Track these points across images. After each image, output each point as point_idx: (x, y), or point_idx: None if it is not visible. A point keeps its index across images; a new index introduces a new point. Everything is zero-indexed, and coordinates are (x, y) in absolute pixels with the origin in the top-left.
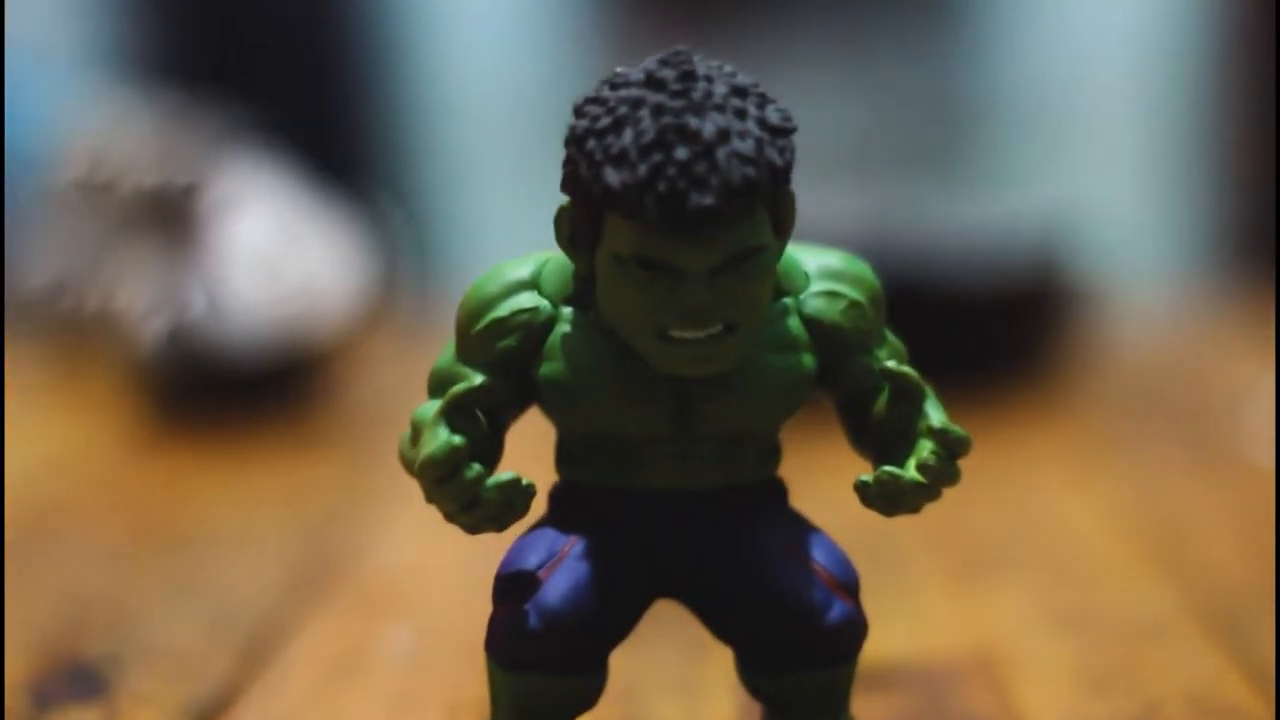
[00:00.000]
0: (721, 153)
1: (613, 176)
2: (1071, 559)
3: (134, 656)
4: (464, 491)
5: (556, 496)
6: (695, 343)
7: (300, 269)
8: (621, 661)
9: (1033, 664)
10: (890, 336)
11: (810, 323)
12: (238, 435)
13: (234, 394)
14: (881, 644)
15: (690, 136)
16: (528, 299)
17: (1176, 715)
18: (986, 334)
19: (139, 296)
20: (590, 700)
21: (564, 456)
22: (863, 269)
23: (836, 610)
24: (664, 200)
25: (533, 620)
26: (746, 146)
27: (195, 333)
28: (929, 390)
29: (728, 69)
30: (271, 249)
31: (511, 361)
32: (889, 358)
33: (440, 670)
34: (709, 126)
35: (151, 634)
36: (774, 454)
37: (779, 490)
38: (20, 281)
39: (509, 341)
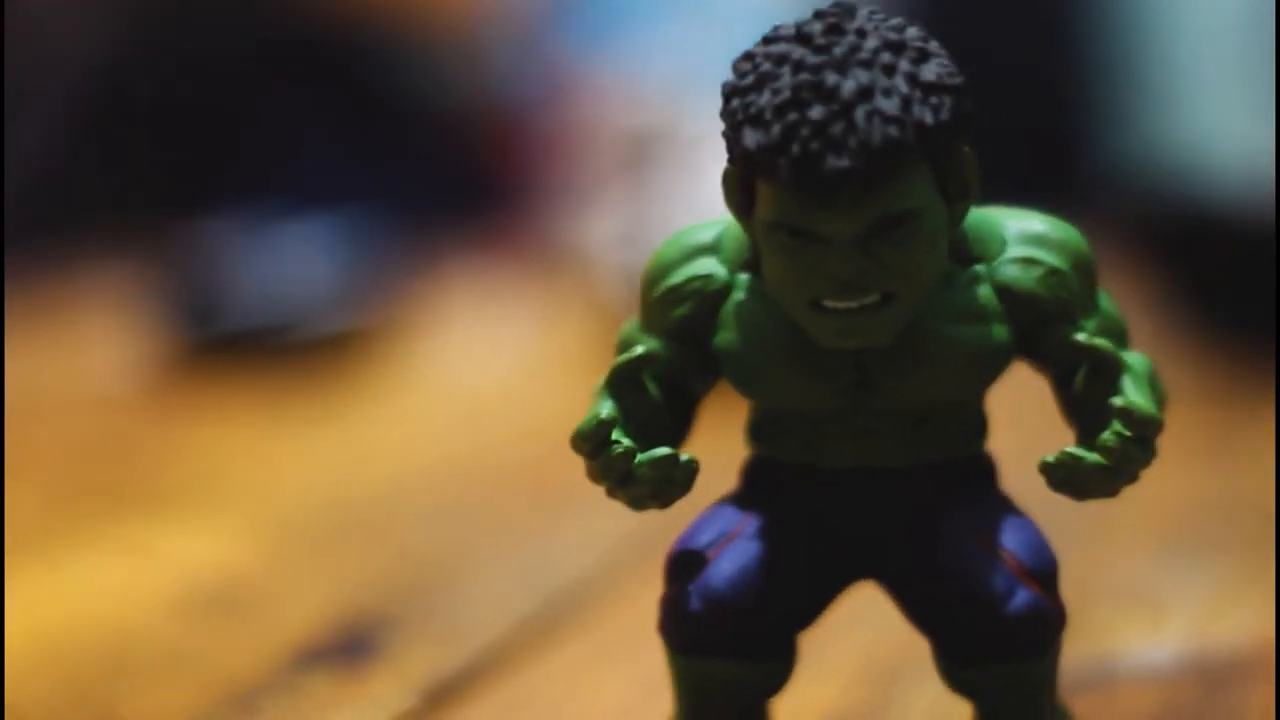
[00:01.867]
0: (861, 111)
1: (749, 138)
2: None
3: (417, 620)
4: (612, 467)
5: (745, 472)
6: (848, 313)
7: None
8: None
9: None
10: (1105, 305)
11: (1003, 291)
12: None
13: None
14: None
15: (827, 94)
16: (704, 265)
17: None
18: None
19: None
20: (769, 687)
21: (752, 430)
22: (1070, 233)
23: (1020, 599)
24: (798, 163)
25: (694, 602)
26: (890, 104)
27: None
28: (1130, 364)
29: (895, 21)
30: None
31: (688, 330)
32: (1099, 330)
33: None
34: (849, 84)
35: (449, 597)
36: (973, 430)
37: (981, 468)
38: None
39: (683, 310)
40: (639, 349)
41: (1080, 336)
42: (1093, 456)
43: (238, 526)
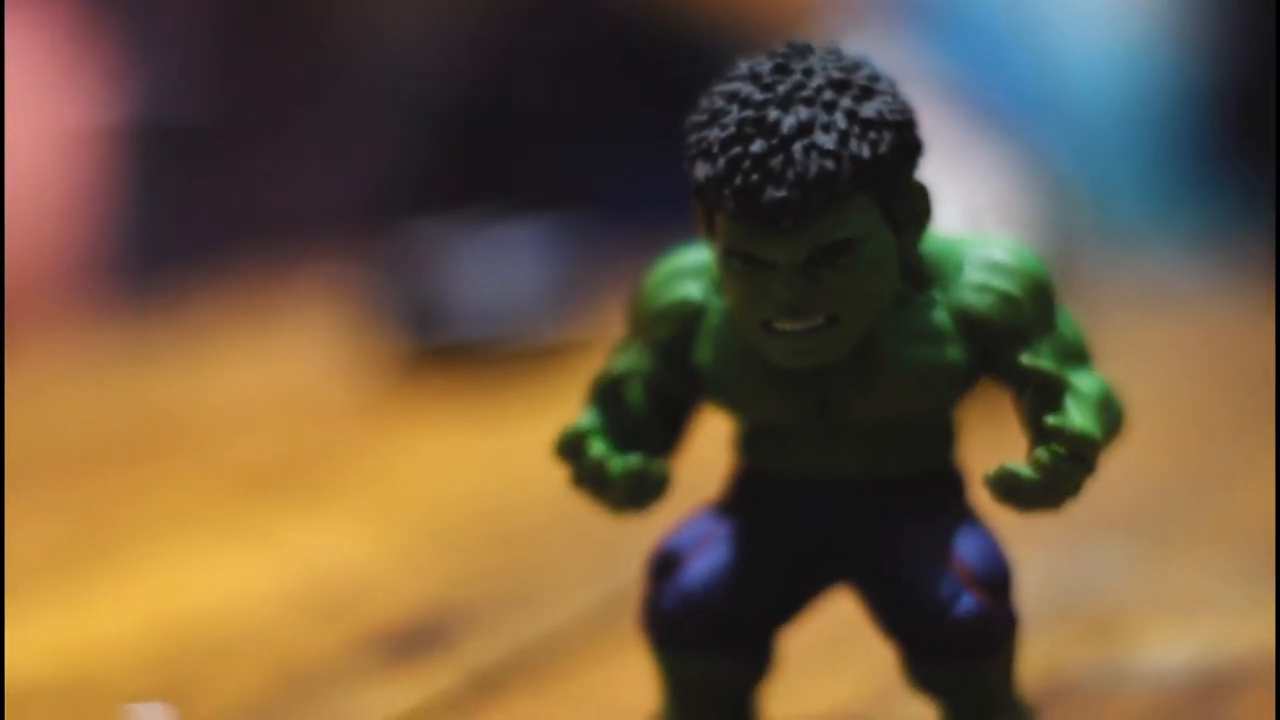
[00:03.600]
0: (798, 146)
1: (700, 170)
2: None
3: (486, 613)
4: (587, 473)
5: (728, 480)
6: (796, 334)
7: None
8: None
9: None
10: (1064, 328)
11: (958, 315)
12: None
13: None
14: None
15: (768, 129)
16: (685, 288)
17: None
18: None
19: None
20: (746, 683)
21: (736, 441)
22: (1027, 260)
23: (964, 605)
24: (740, 194)
25: (669, 600)
26: (828, 139)
27: None
28: (1074, 385)
29: (847, 61)
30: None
31: (672, 349)
32: (1053, 352)
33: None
34: (790, 120)
35: (521, 595)
36: (937, 444)
37: (945, 481)
38: None
39: (666, 330)
40: (615, 368)
41: (1025, 358)
42: (1027, 472)
43: (368, 527)
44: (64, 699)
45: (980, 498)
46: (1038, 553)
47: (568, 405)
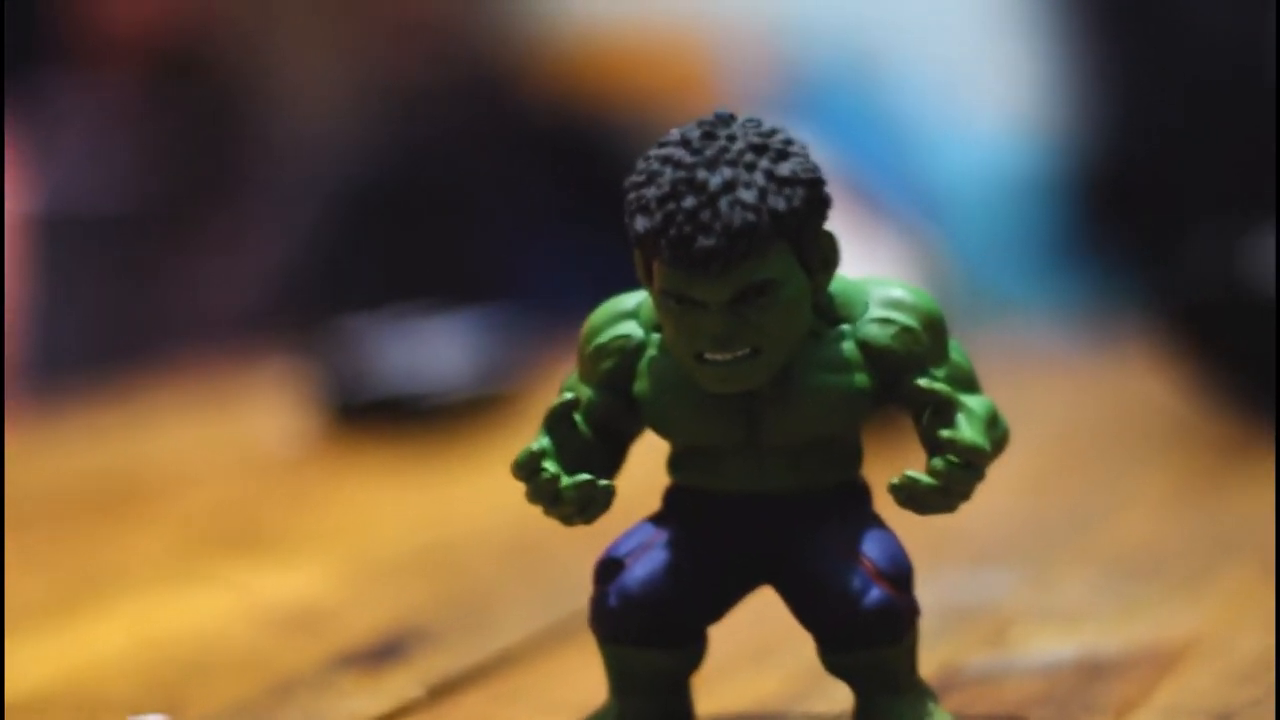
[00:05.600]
0: (724, 201)
1: (640, 223)
2: None
3: (445, 633)
4: (542, 490)
5: (665, 497)
6: (725, 364)
7: None
8: None
9: None
10: (955, 357)
11: (864, 346)
12: None
13: None
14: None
15: (698, 188)
16: (624, 327)
17: None
18: None
19: None
20: (680, 670)
21: (670, 462)
22: (923, 297)
23: (873, 596)
24: (674, 244)
25: (612, 600)
26: (749, 195)
27: None
28: (964, 403)
29: (765, 128)
30: None
31: (614, 381)
32: (947, 377)
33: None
34: (715, 179)
35: (479, 618)
36: (848, 460)
37: (856, 493)
38: None
39: (608, 364)
40: (567, 395)
41: (922, 381)
42: (926, 479)
43: (328, 565)
44: (67, 710)
45: (884, 506)
46: (938, 575)
47: (494, 451)
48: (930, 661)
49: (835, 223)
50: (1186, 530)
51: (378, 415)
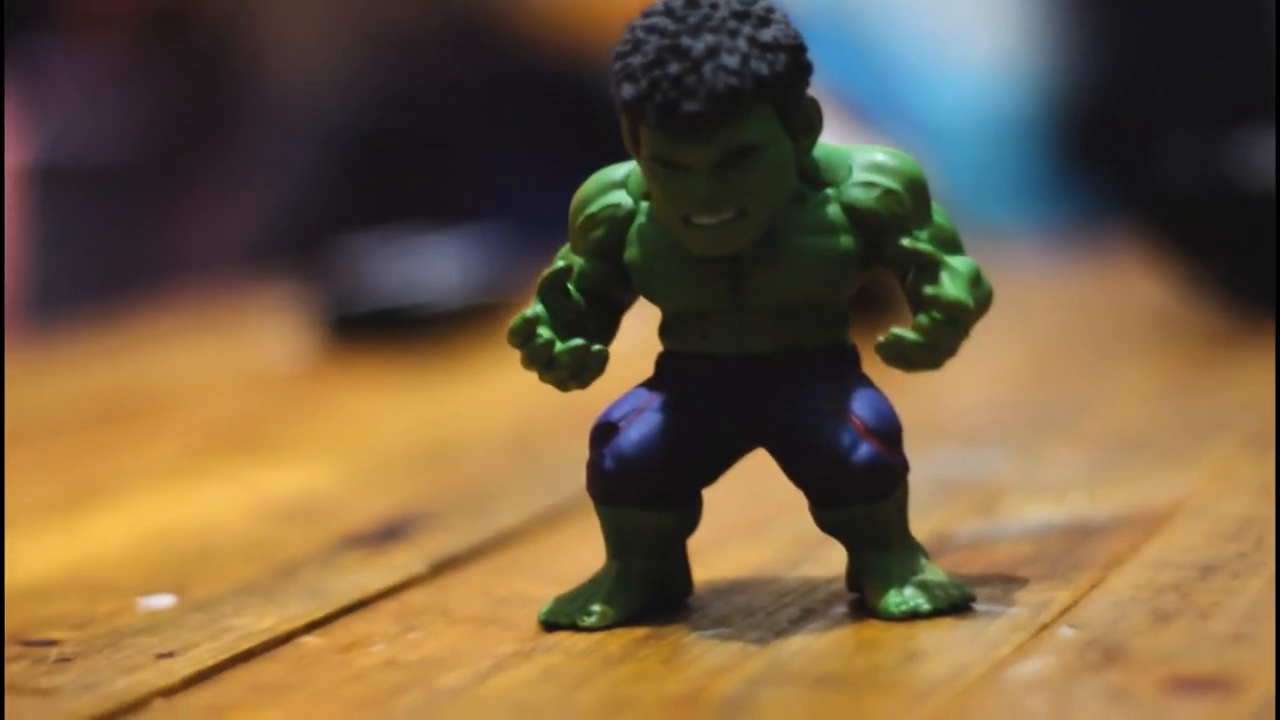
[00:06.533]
0: (708, 67)
1: (625, 90)
2: None
3: (446, 516)
4: (536, 354)
5: (657, 362)
6: (710, 227)
7: None
8: None
9: None
10: (938, 219)
11: (849, 209)
12: None
13: None
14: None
15: (682, 54)
16: (614, 196)
17: None
18: None
19: None
20: (675, 531)
21: (661, 329)
22: (905, 161)
23: (863, 452)
24: (660, 109)
25: (608, 462)
26: (732, 60)
27: None
28: (947, 262)
29: None
30: None
31: (605, 249)
32: (930, 238)
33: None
34: (699, 45)
35: (477, 503)
36: (834, 322)
37: (845, 354)
38: None
39: (599, 232)
40: (559, 263)
41: (906, 241)
42: (912, 335)
43: (331, 462)
44: (79, 596)
45: (875, 374)
46: (930, 454)
47: (487, 356)
48: (921, 530)
49: (828, 135)
50: (1175, 413)
51: (374, 326)
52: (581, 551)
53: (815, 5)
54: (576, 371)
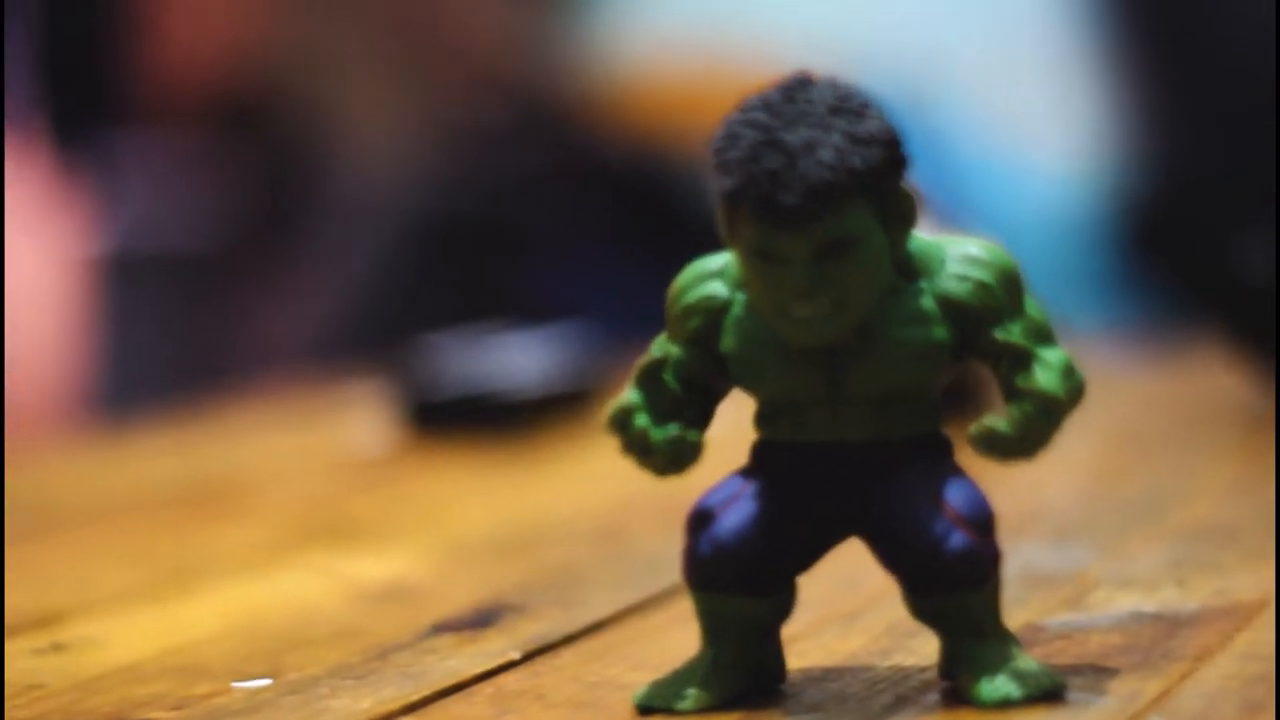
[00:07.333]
0: (804, 161)
1: (724, 183)
2: None
3: (537, 605)
4: (634, 441)
5: (753, 450)
6: (808, 319)
7: None
8: None
9: None
10: (1031, 311)
11: (942, 300)
12: None
13: None
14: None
15: (779, 148)
16: (711, 286)
17: None
18: None
19: None
20: (770, 618)
21: (757, 417)
22: (998, 253)
23: (955, 541)
24: (757, 202)
25: (705, 548)
26: (828, 155)
27: None
28: (1040, 354)
29: (843, 89)
30: None
31: (701, 339)
32: (1023, 331)
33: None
34: (795, 140)
35: (567, 593)
36: (928, 413)
37: (939, 443)
38: None
39: (695, 322)
40: (655, 353)
41: (998, 334)
42: (1004, 426)
43: (417, 549)
44: (174, 678)
45: (965, 460)
46: (1019, 548)
47: (571, 445)
48: (1012, 621)
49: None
50: (1258, 505)
51: (455, 414)
52: (672, 639)
53: (887, 101)
54: (673, 459)
